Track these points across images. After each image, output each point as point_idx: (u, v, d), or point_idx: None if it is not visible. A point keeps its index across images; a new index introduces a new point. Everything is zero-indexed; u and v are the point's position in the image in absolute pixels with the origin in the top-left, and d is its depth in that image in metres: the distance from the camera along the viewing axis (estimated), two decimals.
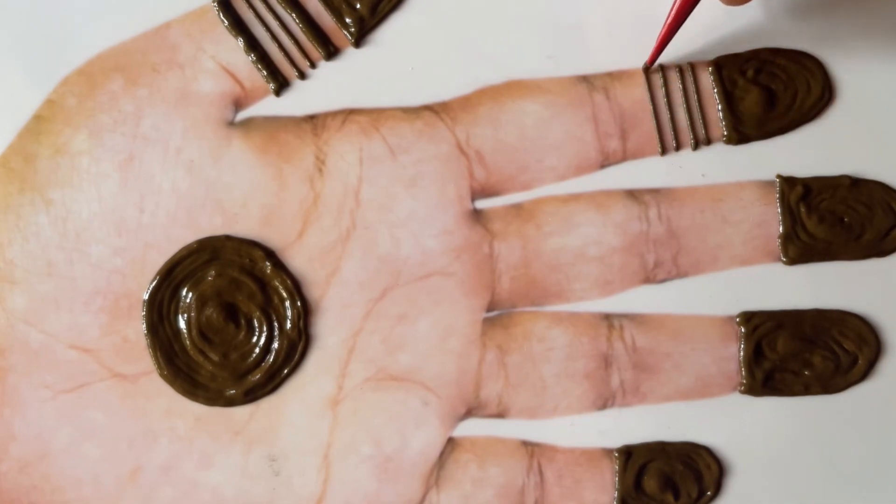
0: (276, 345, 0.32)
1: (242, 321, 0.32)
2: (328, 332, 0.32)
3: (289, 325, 0.32)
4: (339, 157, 0.32)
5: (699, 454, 0.32)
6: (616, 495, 0.32)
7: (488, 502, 0.32)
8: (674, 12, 0.30)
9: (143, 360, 0.31)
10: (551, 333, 0.32)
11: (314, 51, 0.32)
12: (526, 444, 0.32)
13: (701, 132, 0.32)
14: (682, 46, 0.32)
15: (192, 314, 0.31)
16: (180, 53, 0.32)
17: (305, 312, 0.32)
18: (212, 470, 0.32)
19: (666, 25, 0.30)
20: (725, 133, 0.32)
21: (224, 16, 0.32)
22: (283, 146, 0.32)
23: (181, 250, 0.31)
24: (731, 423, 0.32)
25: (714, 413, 0.32)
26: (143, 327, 0.31)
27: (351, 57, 0.32)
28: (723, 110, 0.32)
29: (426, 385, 0.32)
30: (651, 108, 0.32)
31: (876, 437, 0.32)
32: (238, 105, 0.32)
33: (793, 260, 0.32)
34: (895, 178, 0.32)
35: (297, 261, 0.32)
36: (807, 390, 0.32)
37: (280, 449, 0.32)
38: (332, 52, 0.32)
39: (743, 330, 0.32)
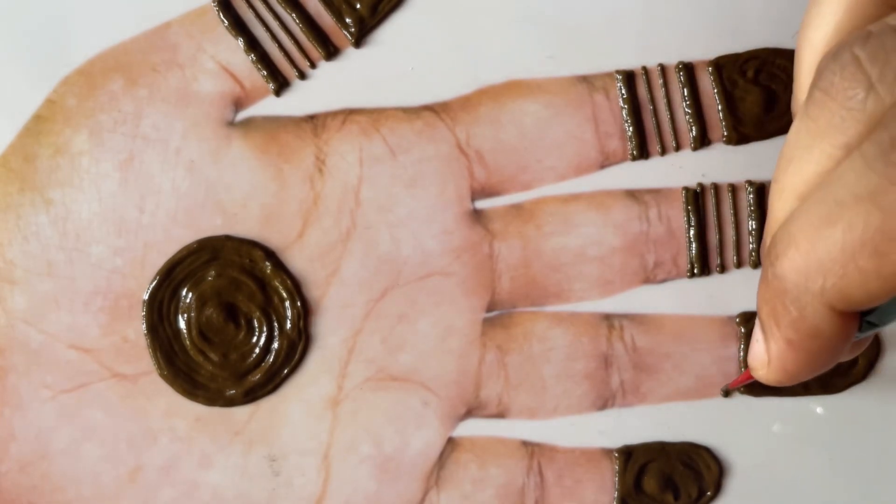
0: (276, 345, 0.32)
1: (242, 321, 0.32)
2: (328, 332, 0.32)
3: (289, 325, 0.32)
4: (339, 157, 0.32)
5: (699, 454, 0.32)
6: (616, 495, 0.32)
7: (488, 502, 0.32)
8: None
9: (143, 360, 0.31)
10: (551, 333, 0.32)
11: (314, 51, 0.32)
12: (526, 444, 0.32)
13: (701, 132, 0.32)
14: (682, 46, 0.32)
15: (192, 314, 0.31)
16: (180, 53, 0.32)
17: (305, 312, 0.32)
18: (212, 470, 0.32)
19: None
20: (725, 133, 0.32)
21: (224, 16, 0.32)
22: (283, 146, 0.32)
23: (181, 250, 0.31)
24: (731, 423, 0.32)
25: (714, 413, 0.32)
26: (143, 327, 0.31)
27: (351, 57, 0.32)
28: (723, 110, 0.32)
29: (426, 385, 0.32)
30: (651, 108, 0.32)
31: (876, 437, 0.32)
32: (238, 105, 0.32)
33: None
34: None
35: (297, 261, 0.32)
36: (806, 390, 0.32)
37: (280, 449, 0.32)
38: (332, 52, 0.32)
39: (743, 330, 0.32)
